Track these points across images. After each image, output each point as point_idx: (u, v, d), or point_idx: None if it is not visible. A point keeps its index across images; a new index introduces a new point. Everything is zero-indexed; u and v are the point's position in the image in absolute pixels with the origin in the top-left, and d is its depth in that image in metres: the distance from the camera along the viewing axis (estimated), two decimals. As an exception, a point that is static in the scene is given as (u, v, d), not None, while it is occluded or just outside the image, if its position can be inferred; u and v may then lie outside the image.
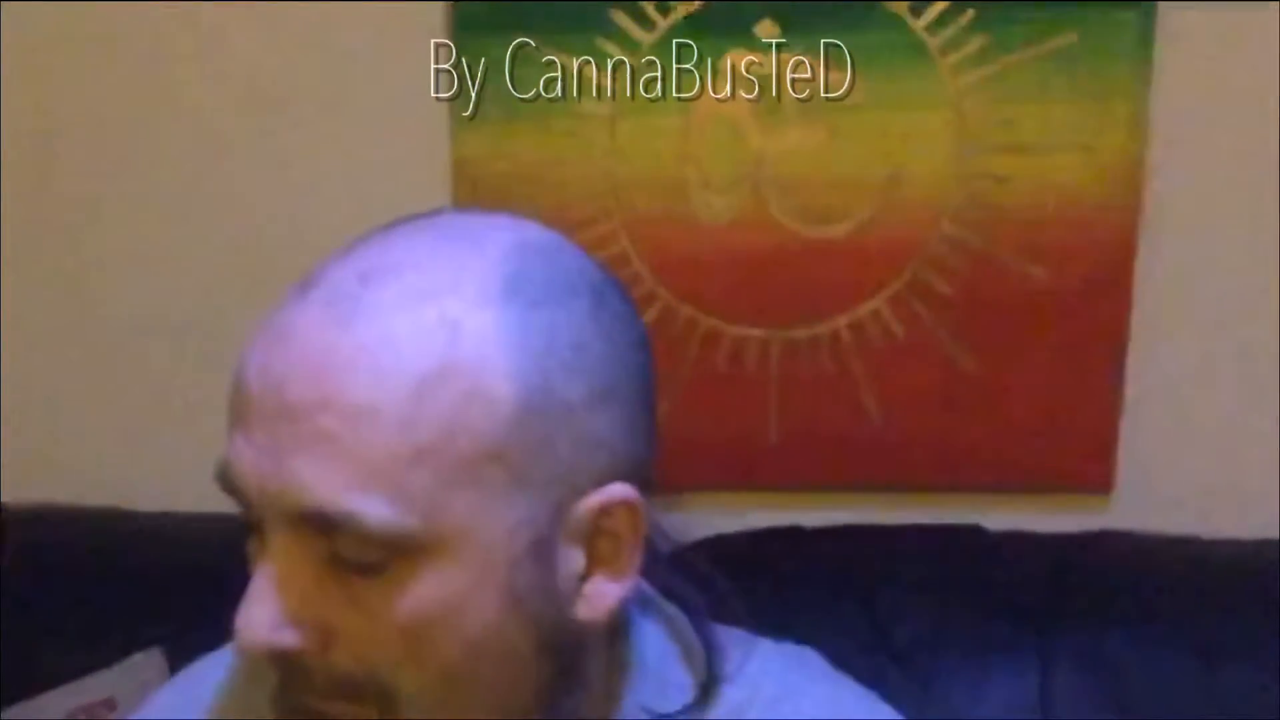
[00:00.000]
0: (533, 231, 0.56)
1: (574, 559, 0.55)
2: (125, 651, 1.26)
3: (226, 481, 0.53)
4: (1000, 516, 1.30)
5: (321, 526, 0.51)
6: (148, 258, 1.43)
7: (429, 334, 0.50)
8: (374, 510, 0.50)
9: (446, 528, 0.51)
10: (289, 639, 0.52)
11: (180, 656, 0.76)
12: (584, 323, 0.54)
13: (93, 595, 1.31)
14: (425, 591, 0.51)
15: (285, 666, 0.54)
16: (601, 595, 0.56)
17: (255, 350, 0.53)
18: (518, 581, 0.53)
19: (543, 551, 0.54)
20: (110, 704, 1.25)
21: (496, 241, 0.54)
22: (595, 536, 0.55)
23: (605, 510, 0.55)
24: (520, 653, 0.54)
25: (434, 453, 0.50)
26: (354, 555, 0.51)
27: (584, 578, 0.56)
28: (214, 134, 1.38)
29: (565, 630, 0.55)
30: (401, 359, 0.50)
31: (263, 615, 0.52)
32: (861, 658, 1.16)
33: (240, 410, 0.53)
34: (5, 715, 1.25)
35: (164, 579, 1.29)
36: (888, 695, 0.65)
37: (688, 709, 0.60)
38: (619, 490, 0.55)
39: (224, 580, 0.78)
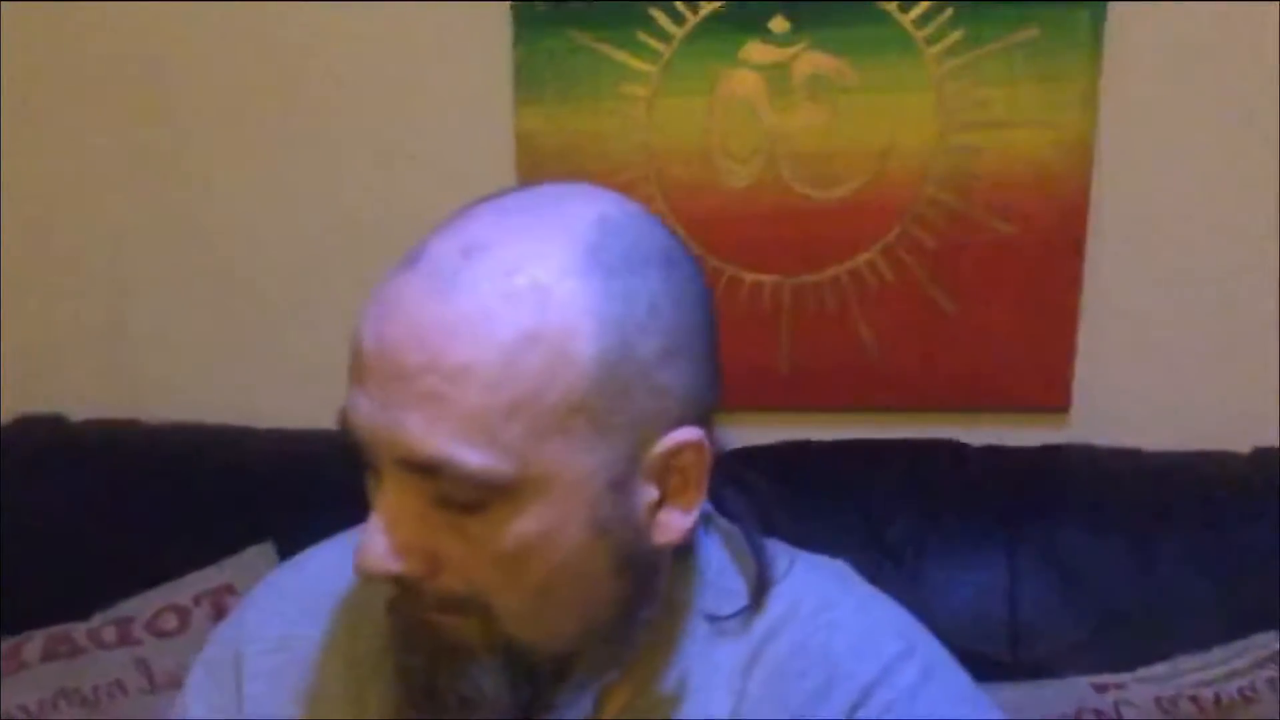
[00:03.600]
0: (612, 205, 0.57)
1: (649, 493, 0.57)
2: (243, 544, 1.34)
3: (345, 428, 0.56)
4: (975, 432, 1.36)
5: (427, 471, 0.53)
6: (265, 210, 1.52)
7: (520, 303, 0.52)
8: (472, 458, 0.52)
9: (538, 472, 0.53)
10: (399, 566, 0.55)
11: (287, 548, 0.82)
12: (657, 288, 0.55)
13: (216, 497, 1.39)
14: (521, 526, 0.54)
15: (399, 585, 0.57)
16: (673, 523, 0.59)
17: (369, 317, 0.54)
18: (600, 515, 0.55)
19: (621, 488, 0.56)
20: (230, 589, 1.32)
21: (579, 216, 0.55)
22: (666, 473, 0.57)
23: (675, 451, 0.57)
24: (602, 573, 0.57)
25: (525, 407, 0.52)
26: (457, 495, 0.54)
27: (657, 509, 0.58)
28: (319, 110, 1.48)
29: (641, 553, 0.58)
30: (496, 325, 0.52)
31: (377, 547, 0.55)
32: (858, 552, 1.23)
33: (357, 369, 0.55)
34: (139, 599, 1.34)
35: (276, 483, 1.37)
36: (881, 584, 0.68)
37: (740, 613, 0.63)
38: (687, 433, 0.57)
39: (324, 485, 0.94)
